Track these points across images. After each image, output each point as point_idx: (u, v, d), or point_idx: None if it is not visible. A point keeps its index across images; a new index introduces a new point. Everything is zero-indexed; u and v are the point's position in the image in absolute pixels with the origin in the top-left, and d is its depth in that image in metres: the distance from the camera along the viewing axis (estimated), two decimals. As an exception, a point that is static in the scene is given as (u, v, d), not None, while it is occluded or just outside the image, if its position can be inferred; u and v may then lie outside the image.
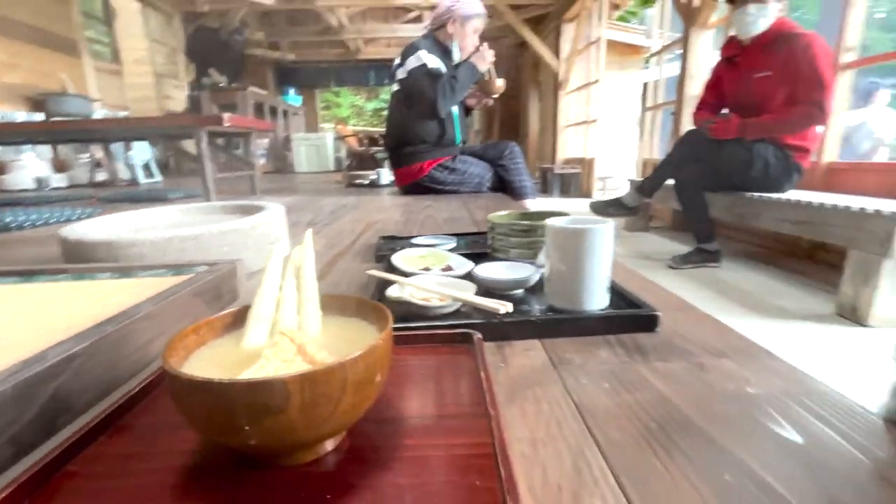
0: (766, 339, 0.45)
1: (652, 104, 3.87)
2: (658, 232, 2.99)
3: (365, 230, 1.14)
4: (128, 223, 0.83)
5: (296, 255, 0.37)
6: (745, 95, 1.92)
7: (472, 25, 1.86)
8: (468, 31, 1.86)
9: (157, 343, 0.44)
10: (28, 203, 1.90)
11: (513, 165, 1.96)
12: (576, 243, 0.46)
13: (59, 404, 0.33)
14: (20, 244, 1.07)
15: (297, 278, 0.34)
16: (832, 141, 2.14)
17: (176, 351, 0.27)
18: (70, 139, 2.01)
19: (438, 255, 0.69)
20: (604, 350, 0.43)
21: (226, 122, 1.61)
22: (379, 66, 8.01)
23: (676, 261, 2.04)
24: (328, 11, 5.77)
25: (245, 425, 0.22)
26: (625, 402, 0.34)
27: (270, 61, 7.56)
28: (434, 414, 0.31)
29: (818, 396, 0.34)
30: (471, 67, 1.84)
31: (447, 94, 1.78)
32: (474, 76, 1.86)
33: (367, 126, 12.34)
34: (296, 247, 0.39)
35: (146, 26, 4.87)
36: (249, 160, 2.12)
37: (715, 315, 0.51)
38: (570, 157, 5.62)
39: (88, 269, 0.60)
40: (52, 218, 1.41)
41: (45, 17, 3.48)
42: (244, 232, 0.70)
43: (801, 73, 1.72)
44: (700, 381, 0.37)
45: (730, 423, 0.31)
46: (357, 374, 0.24)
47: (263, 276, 0.33)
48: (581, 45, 5.11)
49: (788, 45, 1.75)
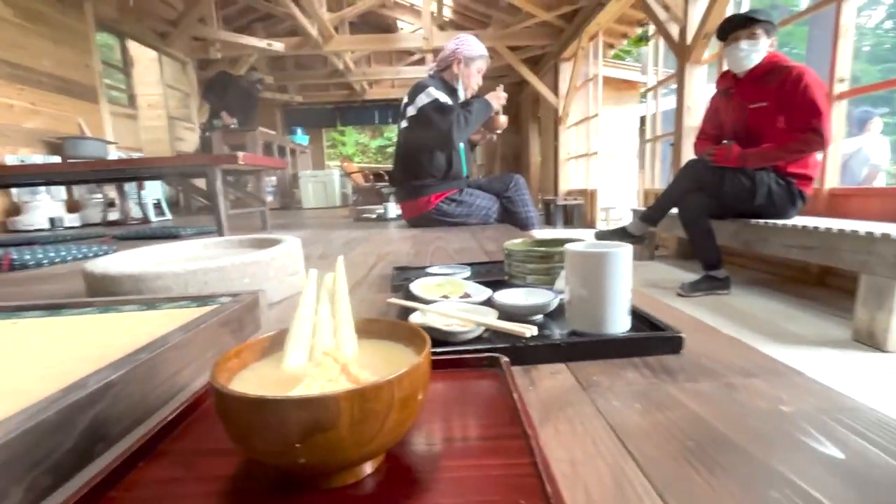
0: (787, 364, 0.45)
1: (651, 136, 3.96)
2: (664, 260, 2.99)
3: (377, 262, 1.15)
4: (150, 257, 0.84)
5: (328, 280, 0.38)
6: (742, 126, 1.98)
7: (476, 66, 1.95)
8: (472, 70, 1.95)
9: (186, 372, 0.45)
10: (44, 242, 1.94)
11: (518, 197, 1.99)
12: (597, 267, 0.47)
13: (96, 431, 0.33)
14: (39, 281, 1.09)
15: (332, 303, 0.35)
16: (833, 168, 2.18)
17: (221, 373, 0.28)
18: (92, 179, 2.08)
19: (455, 284, 0.70)
20: (630, 372, 0.43)
21: (240, 160, 1.66)
22: (383, 106, 8.30)
23: (685, 288, 2.03)
24: (335, 56, 6.04)
25: (296, 442, 0.23)
26: (658, 422, 0.34)
27: (279, 103, 7.85)
28: (469, 436, 0.31)
29: (853, 413, 0.34)
30: (485, 103, 1.92)
31: (461, 125, 1.83)
32: (488, 112, 1.93)
33: (371, 163, 12.63)
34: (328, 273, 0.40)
35: (161, 73, 5.11)
36: (260, 197, 2.17)
37: (736, 337, 0.51)
38: (572, 188, 5.70)
39: (114, 301, 0.61)
40: (69, 256, 1.43)
41: (67, 66, 3.66)
42: (265, 263, 0.72)
43: (796, 102, 1.77)
44: (732, 400, 0.37)
45: (767, 440, 0.31)
46: (402, 391, 0.25)
47: (300, 300, 0.34)
48: (579, 82, 5.30)
49: (781, 77, 1.81)
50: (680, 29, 2.96)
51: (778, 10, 8.05)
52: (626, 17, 4.76)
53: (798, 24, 3.39)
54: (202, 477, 0.28)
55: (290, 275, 0.79)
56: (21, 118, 3.24)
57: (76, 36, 3.77)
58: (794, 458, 0.29)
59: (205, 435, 0.33)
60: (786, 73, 1.80)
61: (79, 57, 3.78)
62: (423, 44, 4.31)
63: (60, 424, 0.30)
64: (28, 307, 0.60)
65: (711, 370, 0.43)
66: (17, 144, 3.20)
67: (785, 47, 8.36)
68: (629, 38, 5.61)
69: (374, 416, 0.24)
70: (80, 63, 3.80)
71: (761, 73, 1.88)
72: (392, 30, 7.02)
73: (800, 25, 6.03)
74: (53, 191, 3.22)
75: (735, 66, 1.94)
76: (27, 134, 3.28)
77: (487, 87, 1.98)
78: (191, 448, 0.31)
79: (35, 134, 3.33)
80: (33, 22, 3.36)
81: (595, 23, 4.44)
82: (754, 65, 1.89)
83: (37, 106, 3.36)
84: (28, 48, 3.30)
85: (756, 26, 1.85)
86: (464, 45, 1.92)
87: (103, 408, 0.34)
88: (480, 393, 0.37)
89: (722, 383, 0.40)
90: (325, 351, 0.28)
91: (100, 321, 0.54)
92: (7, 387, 0.36)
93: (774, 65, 1.85)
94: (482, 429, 0.32)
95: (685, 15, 2.89)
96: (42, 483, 0.29)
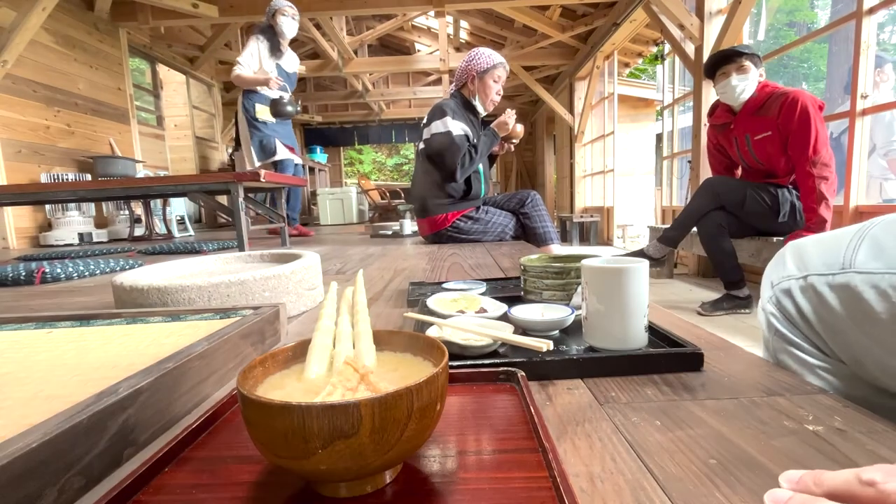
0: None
1: (668, 153, 3.94)
2: (683, 279, 2.93)
3: (393, 277, 1.17)
4: (175, 271, 0.87)
5: (349, 294, 0.39)
6: (749, 158, 1.97)
7: (492, 76, 1.96)
8: (489, 83, 1.96)
9: (210, 381, 0.46)
10: (74, 256, 2.01)
11: (535, 212, 1.99)
12: (614, 282, 0.47)
13: (126, 437, 0.34)
14: (70, 293, 1.13)
15: (352, 315, 0.36)
16: (859, 184, 2.13)
17: (247, 381, 0.29)
18: (121, 196, 2.16)
19: (471, 299, 0.70)
20: (649, 388, 0.43)
21: (262, 178, 1.71)
22: (400, 125, 8.47)
23: (706, 308, 1.99)
24: (354, 77, 6.21)
25: (318, 448, 0.23)
26: (678, 438, 0.34)
27: (299, 122, 8.07)
28: (486, 448, 0.31)
29: (882, 435, 0.33)
30: (491, 135, 1.95)
31: (465, 165, 1.88)
32: (494, 143, 1.97)
33: (387, 180, 12.80)
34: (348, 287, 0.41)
35: (188, 95, 5.32)
36: (280, 213, 2.22)
37: (759, 355, 0.50)
38: (588, 205, 5.68)
39: (141, 313, 0.63)
40: (98, 269, 1.48)
41: (101, 90, 3.85)
42: (285, 277, 0.73)
43: (793, 129, 1.77)
44: (754, 418, 0.36)
45: (793, 459, 0.30)
46: (421, 401, 0.25)
47: (321, 311, 0.35)
48: (594, 100, 5.33)
49: (778, 103, 1.81)
50: (696, 47, 2.97)
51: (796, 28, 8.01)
52: (641, 36, 4.80)
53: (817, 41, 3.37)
54: (225, 483, 0.29)
55: (309, 289, 0.80)
56: (56, 138, 3.40)
57: (111, 61, 3.97)
58: (821, 477, 0.28)
59: (228, 442, 0.34)
60: (782, 100, 1.80)
61: (112, 81, 3.97)
62: (440, 65, 4.41)
63: (93, 428, 0.31)
64: (61, 318, 0.63)
65: (733, 387, 0.42)
66: (52, 163, 3.35)
67: (804, 64, 8.28)
68: (644, 57, 5.63)
69: (394, 423, 0.24)
70: (114, 86, 3.99)
71: (758, 103, 1.87)
72: (409, 52, 7.21)
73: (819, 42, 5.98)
74: (84, 207, 3.35)
75: (731, 101, 1.94)
76: (62, 153, 3.44)
77: (500, 108, 2.01)
78: (214, 455, 0.32)
79: (69, 153, 3.50)
80: (71, 48, 3.55)
81: (610, 42, 4.49)
82: (749, 96, 1.89)
83: (71, 127, 3.53)
84: (66, 73, 3.49)
85: (743, 59, 1.86)
86: (474, 59, 1.95)
87: (132, 413, 0.35)
88: (497, 406, 0.37)
89: (744, 401, 0.39)
90: (346, 360, 0.29)
91: (128, 331, 0.56)
92: (42, 392, 0.38)
93: (769, 94, 1.85)
94: (499, 441, 0.32)
95: (701, 34, 2.90)
96: (74, 485, 0.30)
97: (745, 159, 2.00)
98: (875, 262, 0.38)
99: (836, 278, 0.41)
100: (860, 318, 0.38)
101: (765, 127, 1.87)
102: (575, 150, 5.67)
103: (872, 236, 0.40)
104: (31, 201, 2.14)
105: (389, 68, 5.99)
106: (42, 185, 2.58)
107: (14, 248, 3.06)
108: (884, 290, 0.36)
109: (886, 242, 0.38)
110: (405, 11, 5.02)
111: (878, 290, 0.37)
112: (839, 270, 0.41)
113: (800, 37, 2.45)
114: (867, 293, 0.37)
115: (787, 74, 7.89)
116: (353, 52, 5.42)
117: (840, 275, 0.41)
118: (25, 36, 2.77)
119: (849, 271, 0.40)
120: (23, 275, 1.32)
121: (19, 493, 0.26)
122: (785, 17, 8.31)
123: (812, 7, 8.44)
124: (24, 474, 0.26)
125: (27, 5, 2.71)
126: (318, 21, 4.44)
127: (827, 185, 1.73)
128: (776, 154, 1.87)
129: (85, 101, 3.66)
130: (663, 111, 4.13)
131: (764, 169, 1.96)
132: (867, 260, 0.39)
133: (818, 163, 1.73)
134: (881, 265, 0.37)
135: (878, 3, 2.01)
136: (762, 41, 5.47)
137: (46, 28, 3.19)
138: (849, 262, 0.40)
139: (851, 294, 0.39)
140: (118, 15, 3.98)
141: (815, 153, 1.73)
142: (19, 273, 1.32)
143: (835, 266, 0.42)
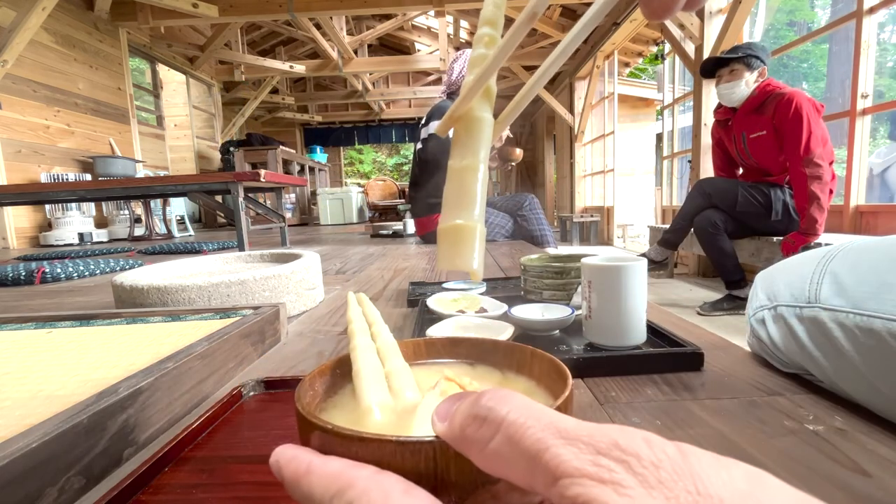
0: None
1: (668, 153, 3.94)
2: (683, 279, 2.93)
3: (393, 276, 1.17)
4: (174, 271, 0.87)
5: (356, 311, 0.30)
6: (745, 156, 1.98)
7: None
8: None
9: (210, 381, 0.46)
10: (74, 256, 2.01)
11: (532, 215, 2.00)
12: (614, 279, 0.47)
13: (126, 436, 0.34)
14: (70, 293, 1.13)
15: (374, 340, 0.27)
16: (859, 184, 2.13)
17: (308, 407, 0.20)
18: (121, 196, 2.16)
19: (471, 298, 0.70)
20: (649, 388, 0.43)
21: (262, 178, 1.70)
22: (400, 125, 8.47)
23: (706, 308, 1.99)
24: (354, 77, 6.21)
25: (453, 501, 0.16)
26: (679, 438, 0.33)
27: (299, 123, 8.07)
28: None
29: (882, 434, 0.33)
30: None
31: None
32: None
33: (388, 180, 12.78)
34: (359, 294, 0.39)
35: (188, 95, 5.33)
36: (280, 213, 2.22)
37: (760, 354, 0.50)
38: (588, 205, 5.68)
39: (141, 313, 0.63)
40: (97, 269, 1.48)
41: (101, 90, 3.85)
42: (285, 277, 0.73)
43: (786, 129, 1.76)
44: (754, 418, 0.36)
45: (794, 459, 0.30)
46: None
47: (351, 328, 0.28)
48: (594, 100, 5.32)
49: (774, 103, 1.81)
50: (696, 47, 2.97)
51: (796, 28, 8.01)
52: (641, 36, 4.80)
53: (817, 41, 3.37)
54: (225, 483, 0.29)
55: (309, 289, 0.80)
56: (57, 138, 3.40)
57: (111, 61, 3.97)
58: (823, 478, 0.28)
59: (228, 442, 0.34)
60: (778, 99, 1.80)
61: (112, 81, 3.97)
62: (440, 65, 4.41)
63: (93, 428, 0.31)
64: (61, 317, 0.63)
65: (733, 387, 0.42)
66: (53, 163, 3.35)
67: (804, 63, 8.28)
68: (645, 57, 5.63)
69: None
70: (114, 86, 3.99)
71: (756, 103, 1.87)
72: (409, 52, 7.21)
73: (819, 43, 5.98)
74: (83, 207, 3.35)
75: (727, 102, 1.96)
76: (62, 153, 3.44)
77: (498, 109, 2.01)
78: (214, 455, 0.32)
79: (69, 153, 3.50)
80: (71, 48, 3.55)
81: (610, 42, 4.48)
82: (745, 97, 1.89)
83: (71, 127, 3.53)
84: (66, 73, 3.49)
85: (733, 63, 1.86)
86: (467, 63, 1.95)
87: (132, 413, 0.35)
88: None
89: (745, 401, 0.39)
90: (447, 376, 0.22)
91: (128, 331, 0.56)
92: (42, 392, 0.38)
93: (768, 93, 1.84)
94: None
95: (701, 33, 2.90)
96: (74, 485, 0.30)
97: (742, 157, 2.00)
98: (838, 300, 0.37)
99: (805, 311, 0.41)
100: (831, 352, 0.38)
101: (760, 126, 1.87)
102: (575, 149, 5.67)
103: (832, 272, 0.39)
104: (31, 201, 2.14)
105: (389, 68, 5.99)
106: (42, 185, 2.58)
107: (14, 247, 3.06)
108: (850, 329, 0.36)
109: (845, 280, 0.38)
110: (405, 11, 5.02)
111: (845, 328, 0.36)
112: (806, 304, 0.41)
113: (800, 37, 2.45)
114: (835, 331, 0.37)
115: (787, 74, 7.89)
116: (353, 52, 5.42)
117: (808, 308, 0.40)
118: (25, 36, 2.77)
119: (815, 306, 0.39)
120: (23, 275, 1.32)
121: (19, 493, 0.26)
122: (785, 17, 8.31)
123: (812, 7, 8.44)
124: (24, 474, 0.26)
125: (27, 5, 2.71)
126: (318, 21, 4.44)
127: (820, 186, 1.72)
128: (770, 153, 1.87)
129: (85, 100, 3.66)
130: (663, 111, 4.13)
131: (759, 167, 1.96)
132: (830, 296, 0.38)
133: (811, 162, 1.72)
134: (845, 303, 0.37)
135: (878, 2, 2.00)
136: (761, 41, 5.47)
137: (46, 28, 3.19)
138: (814, 297, 0.40)
139: (820, 328, 0.38)
140: (118, 15, 3.98)
141: (808, 152, 1.72)
142: (19, 273, 1.32)
143: (801, 299, 0.41)
